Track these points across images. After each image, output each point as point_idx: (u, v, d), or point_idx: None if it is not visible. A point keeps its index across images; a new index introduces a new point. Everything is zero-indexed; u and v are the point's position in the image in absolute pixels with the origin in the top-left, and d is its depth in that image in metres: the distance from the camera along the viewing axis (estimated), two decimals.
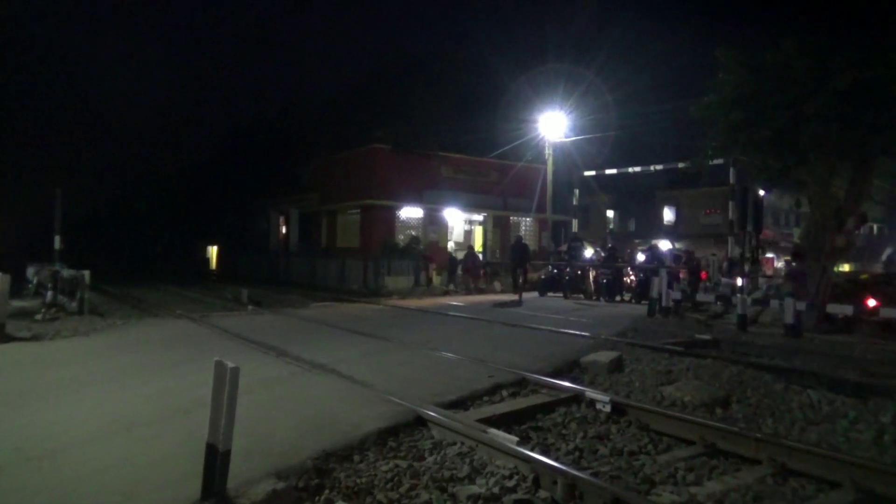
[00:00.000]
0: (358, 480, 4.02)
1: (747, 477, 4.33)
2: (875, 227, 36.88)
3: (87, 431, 4.63)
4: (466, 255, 21.80)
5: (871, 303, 11.59)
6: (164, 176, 53.88)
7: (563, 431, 5.28)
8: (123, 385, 6.20)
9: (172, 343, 9.08)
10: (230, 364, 3.28)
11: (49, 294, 12.38)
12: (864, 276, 14.52)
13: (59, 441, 4.40)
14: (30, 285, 14.33)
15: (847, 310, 11.20)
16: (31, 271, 14.51)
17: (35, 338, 9.35)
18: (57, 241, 15.23)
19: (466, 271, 21.28)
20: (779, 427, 5.58)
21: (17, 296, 13.84)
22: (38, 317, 11.42)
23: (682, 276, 17.03)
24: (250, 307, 15.33)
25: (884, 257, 20.50)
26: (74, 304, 12.51)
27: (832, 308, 11.47)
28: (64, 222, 15.59)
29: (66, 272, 13.09)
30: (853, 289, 12.83)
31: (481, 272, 21.84)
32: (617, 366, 7.61)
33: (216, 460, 3.30)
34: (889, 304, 11.29)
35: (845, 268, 22.02)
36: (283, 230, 34.62)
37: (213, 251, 45.96)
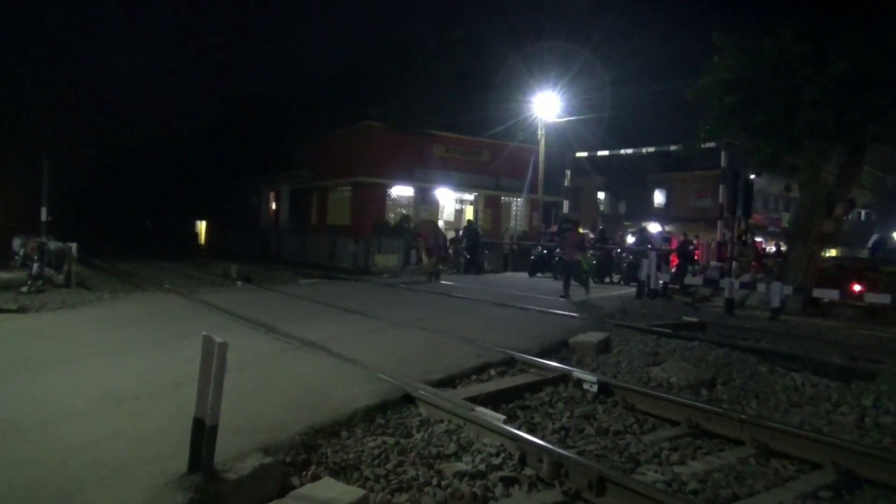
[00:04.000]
0: (345, 456, 4.05)
1: (731, 457, 4.39)
2: (863, 212, 37.14)
3: (75, 405, 4.62)
4: (428, 234, 17.90)
5: (857, 288, 11.73)
6: (154, 150, 53.36)
7: (550, 410, 5.33)
8: (112, 359, 6.17)
9: (161, 318, 9.05)
10: (218, 339, 3.27)
11: (35, 266, 12.27)
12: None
13: (48, 414, 4.39)
14: (16, 257, 14.19)
15: (833, 294, 11.32)
16: (17, 243, 14.36)
17: (21, 310, 9.28)
18: (43, 213, 15.07)
19: (430, 251, 17.34)
20: (763, 409, 5.66)
21: (3, 268, 13.73)
22: (25, 289, 11.34)
23: (674, 261, 17.11)
24: (240, 283, 15.28)
25: (869, 243, 20.63)
26: (61, 277, 12.44)
27: (818, 292, 11.59)
28: (52, 194, 15.41)
29: (53, 244, 12.97)
30: (840, 274, 12.98)
31: (449, 252, 18.73)
32: (605, 347, 7.66)
33: (203, 435, 3.30)
34: (874, 289, 11.43)
35: (832, 253, 22.22)
36: (274, 207, 34.42)
37: (202, 227, 45.72)
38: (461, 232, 21.52)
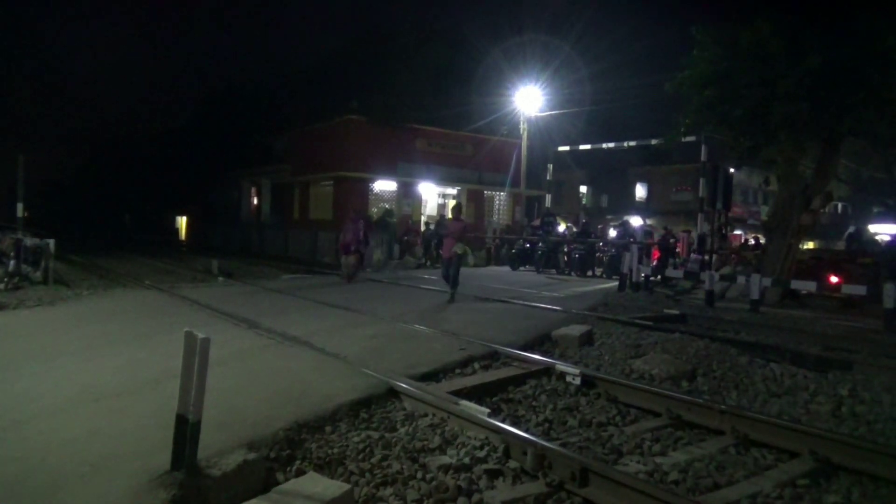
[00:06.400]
0: (330, 451, 4.04)
1: (711, 447, 4.45)
2: (840, 205, 37.73)
3: (54, 402, 4.56)
4: (346, 227, 14.46)
5: (834, 279, 11.93)
6: (133, 144, 52.65)
7: (534, 403, 5.36)
8: (91, 356, 6.09)
9: (141, 314, 8.95)
10: (200, 335, 3.24)
11: (11, 263, 12.07)
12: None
13: (26, 412, 4.32)
14: None
15: (810, 286, 11.50)
16: None
17: None
18: (19, 209, 14.82)
19: (346, 247, 14.14)
20: (742, 399, 5.74)
21: None
22: (1, 286, 11.15)
23: (655, 255, 17.25)
24: (221, 278, 15.16)
25: (845, 235, 21.03)
26: (39, 274, 12.24)
27: (796, 284, 11.77)
28: (28, 190, 15.16)
29: (30, 241, 12.77)
30: (817, 266, 13.18)
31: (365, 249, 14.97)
32: (587, 339, 7.72)
33: (186, 431, 3.27)
34: (850, 280, 11.63)
35: (810, 245, 22.57)
36: (255, 201, 34.19)
37: (182, 222, 45.28)
38: (432, 226, 21.48)
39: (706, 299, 11.74)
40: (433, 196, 27.74)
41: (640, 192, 39.55)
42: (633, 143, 22.79)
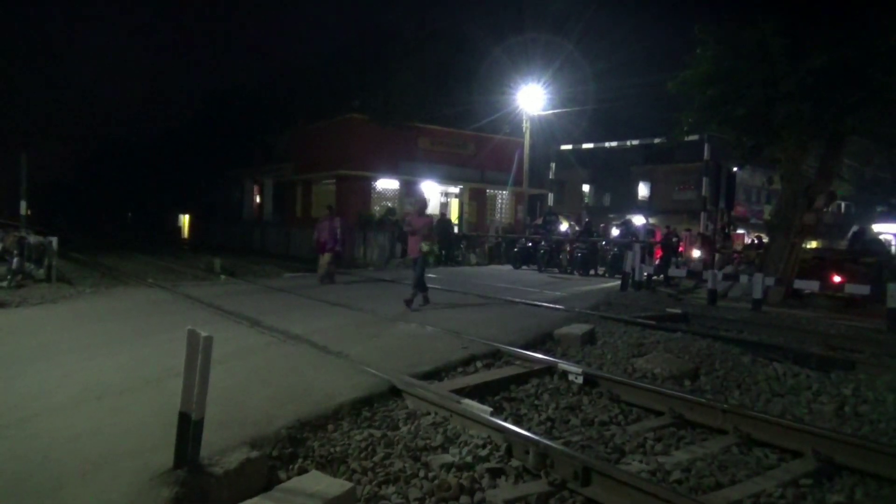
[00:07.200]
0: (332, 449, 4.04)
1: (713, 447, 4.44)
2: (843, 204, 37.64)
3: (56, 400, 4.56)
4: (321, 226, 13.75)
5: (837, 279, 11.90)
6: (136, 143, 52.75)
7: (536, 402, 5.35)
8: (93, 354, 6.10)
9: (144, 312, 8.95)
10: (203, 333, 3.24)
11: (15, 261, 12.09)
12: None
13: (28, 409, 4.33)
14: None
15: (813, 285, 11.47)
16: None
17: (1, 305, 9.14)
18: (23, 207, 14.87)
19: (321, 246, 13.54)
20: (745, 399, 5.73)
21: None
22: (4, 284, 11.17)
23: (658, 254, 17.22)
24: (223, 277, 15.18)
25: (849, 235, 20.98)
26: (42, 272, 12.27)
27: (799, 284, 11.74)
28: (31, 188, 15.21)
29: (33, 238, 12.79)
30: (820, 265, 13.15)
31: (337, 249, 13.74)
32: (589, 338, 7.71)
33: (189, 429, 3.27)
34: (853, 280, 11.61)
35: (813, 244, 22.53)
36: (258, 200, 34.22)
37: (185, 220, 45.35)
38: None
39: (709, 298, 11.72)
40: (436, 194, 27.72)
41: (643, 191, 39.52)
42: (635, 142, 22.76)
